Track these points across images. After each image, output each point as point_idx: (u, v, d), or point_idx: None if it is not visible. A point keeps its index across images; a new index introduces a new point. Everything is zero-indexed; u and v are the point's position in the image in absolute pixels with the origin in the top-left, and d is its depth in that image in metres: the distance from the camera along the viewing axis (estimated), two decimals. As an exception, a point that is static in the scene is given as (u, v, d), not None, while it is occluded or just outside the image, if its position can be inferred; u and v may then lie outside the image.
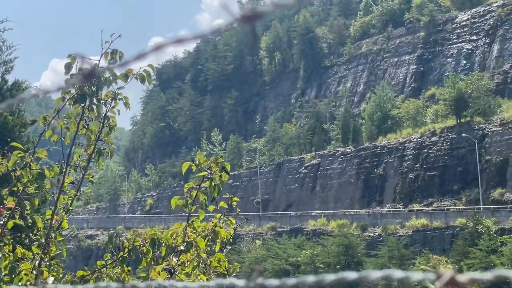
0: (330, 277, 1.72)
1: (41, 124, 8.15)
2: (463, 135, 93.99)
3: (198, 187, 7.91)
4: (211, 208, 8.24)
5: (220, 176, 7.76)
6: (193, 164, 7.89)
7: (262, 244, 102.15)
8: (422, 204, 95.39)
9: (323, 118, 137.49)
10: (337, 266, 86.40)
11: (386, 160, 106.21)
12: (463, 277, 1.47)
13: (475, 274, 1.52)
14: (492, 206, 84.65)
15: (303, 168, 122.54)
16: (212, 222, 8.57)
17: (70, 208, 8.48)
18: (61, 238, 8.50)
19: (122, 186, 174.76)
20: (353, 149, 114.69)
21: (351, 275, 1.73)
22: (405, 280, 1.58)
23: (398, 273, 1.63)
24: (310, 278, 1.75)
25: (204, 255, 8.22)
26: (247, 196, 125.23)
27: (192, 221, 8.18)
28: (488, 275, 1.49)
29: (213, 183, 7.79)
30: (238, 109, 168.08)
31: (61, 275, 8.50)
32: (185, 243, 8.11)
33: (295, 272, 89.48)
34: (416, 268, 78.75)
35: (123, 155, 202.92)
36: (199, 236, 8.17)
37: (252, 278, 1.84)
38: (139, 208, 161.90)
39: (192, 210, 8.00)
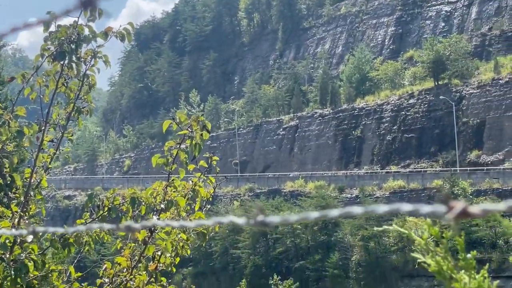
0: (334, 212, 1.70)
1: (19, 81, 8.06)
2: (440, 97, 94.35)
3: (178, 145, 7.88)
4: (191, 167, 8.22)
5: (201, 134, 7.74)
6: (174, 123, 7.85)
7: (240, 205, 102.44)
8: (399, 166, 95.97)
9: (302, 80, 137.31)
10: (314, 227, 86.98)
11: (364, 122, 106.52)
12: (475, 208, 1.46)
13: (487, 205, 1.51)
14: (468, 168, 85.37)
15: (281, 129, 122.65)
16: (192, 181, 8.56)
17: (50, 166, 8.43)
18: (41, 197, 8.46)
19: (100, 147, 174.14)
20: (331, 111, 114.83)
21: (357, 210, 1.70)
22: (414, 213, 1.56)
23: (406, 207, 1.61)
24: (313, 214, 1.72)
25: (184, 214, 8.23)
26: (225, 158, 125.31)
27: (173, 180, 8.16)
28: (501, 206, 1.48)
29: (193, 142, 7.76)
30: (216, 71, 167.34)
31: (40, 234, 8.48)
32: (165, 202, 8.10)
33: (272, 233, 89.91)
34: (393, 229, 79.40)
35: (100, 116, 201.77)
36: (179, 195, 8.17)
37: (252, 216, 1.83)
38: (117, 169, 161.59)
39: (172, 169, 7.99)
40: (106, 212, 8.32)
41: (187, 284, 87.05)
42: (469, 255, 2.16)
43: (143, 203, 8.32)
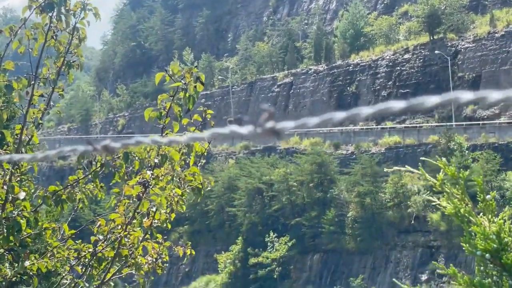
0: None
1: (7, 34, 7.82)
2: (436, 52, 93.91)
3: (172, 98, 7.68)
4: (185, 121, 8.04)
5: (195, 87, 7.53)
6: (167, 75, 7.63)
7: (235, 163, 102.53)
8: (395, 122, 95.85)
9: (296, 36, 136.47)
10: (310, 184, 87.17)
11: (358, 78, 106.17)
12: None
13: None
14: (464, 123, 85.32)
15: (275, 86, 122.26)
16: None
17: (40, 122, 8.24)
18: (32, 153, 8.29)
19: (93, 106, 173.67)
20: (325, 67, 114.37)
21: (366, 110, 1.48)
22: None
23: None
24: (338, 115, 1.48)
25: (178, 169, 8.07)
26: (220, 116, 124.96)
27: (166, 134, 7.98)
28: None
29: (187, 94, 7.56)
30: (209, 28, 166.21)
31: (32, 191, 8.33)
32: (159, 156, 7.93)
33: (268, 190, 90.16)
34: (389, 185, 79.65)
35: (94, 75, 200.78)
36: (173, 150, 8.00)
37: (259, 123, 1.54)
38: (111, 128, 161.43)
39: (166, 123, 7.80)
40: (99, 168, 8.16)
41: (184, 242, 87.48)
42: (488, 196, 1.98)
43: (136, 158, 8.16)
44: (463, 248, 1.97)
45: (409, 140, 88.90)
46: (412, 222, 76.27)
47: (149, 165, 8.10)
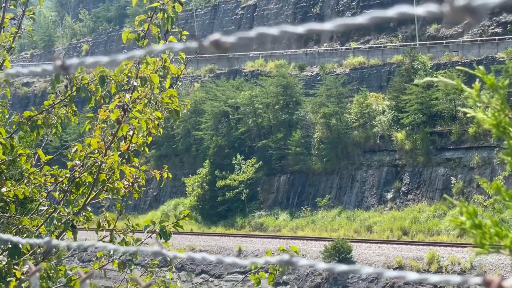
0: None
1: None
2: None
3: (150, 19, 7.54)
4: (162, 42, 7.92)
5: (173, 7, 7.40)
6: (143, -4, 7.48)
7: (200, 86, 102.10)
8: (359, 42, 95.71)
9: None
10: (276, 106, 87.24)
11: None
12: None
13: None
14: (428, 42, 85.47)
15: (239, 9, 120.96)
16: (162, 58, 8.28)
17: (13, 46, 8.07)
18: (5, 79, 8.14)
19: (56, 32, 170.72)
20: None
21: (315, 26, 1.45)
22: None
23: None
24: (299, 29, 1.45)
25: (158, 91, 7.99)
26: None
27: (145, 56, 7.86)
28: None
29: (165, 15, 7.43)
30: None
31: (7, 116, 8.21)
32: (138, 79, 7.83)
33: (234, 113, 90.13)
34: (354, 105, 79.96)
35: (55, 0, 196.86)
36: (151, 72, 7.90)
37: (207, 38, 1.53)
38: (74, 54, 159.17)
39: (144, 45, 7.67)
40: (75, 92, 8.04)
41: (150, 166, 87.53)
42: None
43: (112, 82, 8.05)
44: (505, 161, 1.95)
45: (374, 60, 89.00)
46: (377, 141, 76.97)
47: (128, 88, 8.00)
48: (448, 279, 1.09)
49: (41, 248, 8.29)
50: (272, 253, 9.01)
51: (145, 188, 10.35)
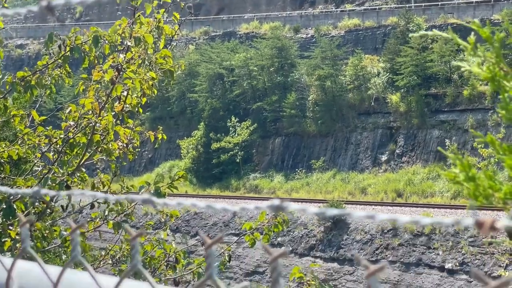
0: None
1: None
2: None
3: (142, -22, 7.48)
4: (155, 3, 7.87)
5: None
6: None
7: (195, 48, 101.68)
8: (354, 4, 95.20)
9: None
10: (271, 69, 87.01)
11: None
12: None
13: None
14: (423, 4, 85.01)
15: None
16: (156, 18, 8.22)
17: (6, 6, 8.00)
18: (-2, 39, 8.10)
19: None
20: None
21: None
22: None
23: None
24: None
25: (152, 51, 7.95)
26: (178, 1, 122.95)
27: (138, 16, 7.81)
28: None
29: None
30: None
31: (0, 77, 8.17)
32: (132, 39, 7.79)
33: (229, 76, 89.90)
34: (349, 68, 79.80)
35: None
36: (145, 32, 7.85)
37: None
38: (68, 16, 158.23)
39: (138, 4, 7.63)
40: (68, 52, 8.00)
41: (145, 128, 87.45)
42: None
43: (106, 42, 8.01)
44: (499, 114, 1.94)
45: (368, 22, 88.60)
46: (372, 104, 76.95)
47: (122, 48, 7.95)
48: (440, 221, 1.11)
49: (35, 209, 8.32)
50: (267, 213, 9.06)
51: (139, 149, 10.33)
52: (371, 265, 1.10)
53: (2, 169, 8.64)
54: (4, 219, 7.57)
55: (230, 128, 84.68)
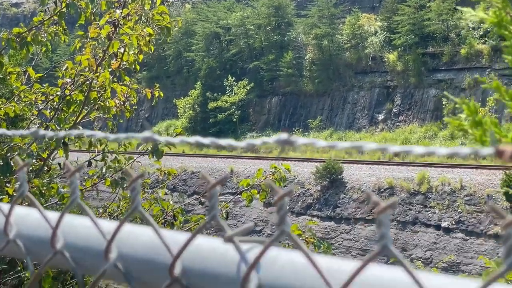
0: None
1: None
2: None
3: None
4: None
5: None
6: None
7: (191, 7, 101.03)
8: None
9: None
10: (267, 28, 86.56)
11: None
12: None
13: None
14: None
15: None
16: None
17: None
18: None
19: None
20: None
21: None
22: None
23: None
24: None
25: (148, 7, 7.87)
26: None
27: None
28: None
29: None
30: None
31: (-5, 33, 8.10)
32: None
33: (225, 35, 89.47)
34: (346, 26, 79.36)
35: None
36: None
37: None
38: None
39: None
40: (64, 9, 7.91)
41: (142, 87, 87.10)
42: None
43: (102, -2, 7.92)
44: (505, 61, 1.90)
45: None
46: (369, 63, 76.71)
47: (119, 5, 7.87)
48: (458, 151, 1.07)
49: (33, 166, 8.30)
50: (264, 171, 9.05)
51: (136, 107, 10.30)
52: (382, 201, 1.10)
53: (-2, 126, 8.61)
54: (1, 176, 7.56)
55: (227, 88, 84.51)
